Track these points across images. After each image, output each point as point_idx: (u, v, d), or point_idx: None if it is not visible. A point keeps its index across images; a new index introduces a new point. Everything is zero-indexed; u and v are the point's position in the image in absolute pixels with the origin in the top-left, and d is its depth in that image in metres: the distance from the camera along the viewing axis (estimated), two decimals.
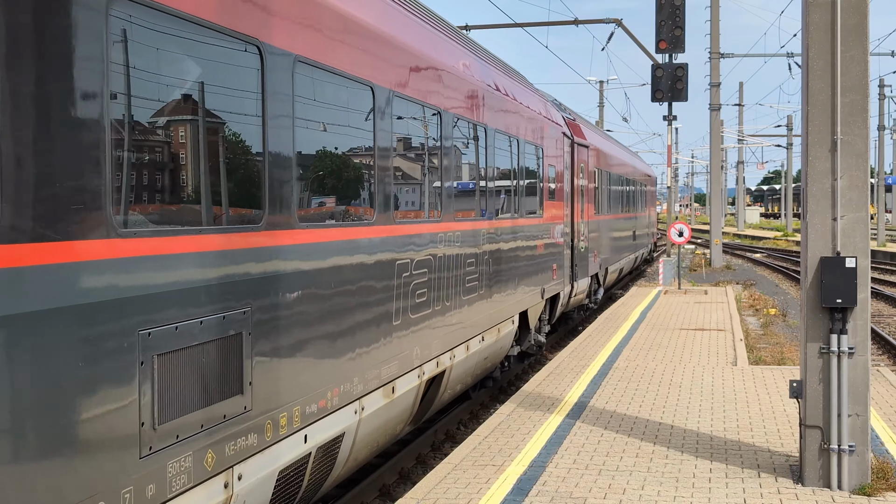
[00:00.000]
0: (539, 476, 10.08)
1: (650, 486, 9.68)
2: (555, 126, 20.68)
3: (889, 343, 23.16)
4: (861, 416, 9.51)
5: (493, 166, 14.82)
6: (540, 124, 18.85)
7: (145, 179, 5.92)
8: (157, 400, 5.84)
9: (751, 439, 11.56)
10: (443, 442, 14.49)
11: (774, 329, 25.71)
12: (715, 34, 46.17)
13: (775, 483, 9.75)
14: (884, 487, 9.44)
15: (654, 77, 30.72)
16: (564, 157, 21.70)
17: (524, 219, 17.05)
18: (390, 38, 10.04)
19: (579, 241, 23.22)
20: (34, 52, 4.90)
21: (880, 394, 14.36)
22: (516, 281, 16.39)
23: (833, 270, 9.40)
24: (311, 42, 8.03)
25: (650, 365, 17.04)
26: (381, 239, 9.72)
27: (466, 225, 13.17)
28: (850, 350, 9.49)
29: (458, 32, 14.40)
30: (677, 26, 28.80)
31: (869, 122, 9.57)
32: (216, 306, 6.47)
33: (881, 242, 63.89)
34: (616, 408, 13.39)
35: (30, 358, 4.86)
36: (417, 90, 10.95)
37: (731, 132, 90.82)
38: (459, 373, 13.23)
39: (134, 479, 5.63)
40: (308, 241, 7.88)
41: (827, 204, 9.50)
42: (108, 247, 5.37)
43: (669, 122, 34.21)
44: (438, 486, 9.81)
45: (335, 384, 8.55)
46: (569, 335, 25.95)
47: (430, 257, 11.46)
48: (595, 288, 27.52)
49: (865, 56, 9.46)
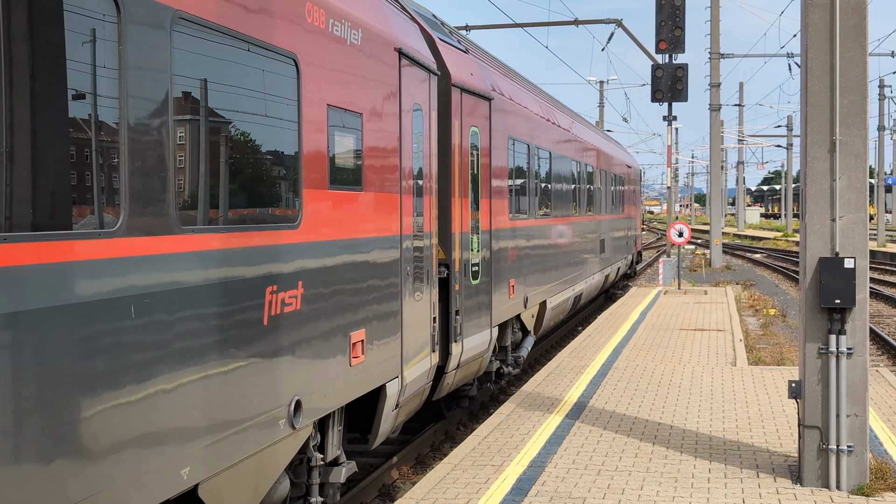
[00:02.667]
0: (538, 476, 10.09)
1: (649, 486, 9.70)
2: (369, 30, 9.31)
3: (888, 343, 23.17)
4: (860, 416, 9.52)
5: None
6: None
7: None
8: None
9: (750, 439, 11.57)
10: (442, 442, 14.50)
11: (774, 329, 25.72)
12: (715, 34, 46.18)
13: (774, 483, 9.77)
14: (882, 488, 9.46)
15: (654, 77, 30.73)
16: (403, 103, 10.27)
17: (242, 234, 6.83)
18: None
19: (468, 267, 13.21)
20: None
21: (879, 394, 14.37)
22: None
23: (832, 271, 9.42)
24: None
25: (650, 365, 17.05)
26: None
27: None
28: (848, 350, 9.50)
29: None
30: (677, 26, 28.81)
31: (868, 123, 9.58)
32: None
33: (881, 243, 63.90)
34: (615, 408, 13.40)
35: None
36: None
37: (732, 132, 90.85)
38: None
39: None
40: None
41: (826, 204, 9.51)
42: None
43: (669, 123, 34.23)
44: (438, 486, 9.82)
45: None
46: (568, 336, 25.95)
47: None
48: (518, 339, 17.02)
49: (864, 57, 9.47)
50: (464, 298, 12.92)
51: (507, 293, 15.47)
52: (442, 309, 12.30)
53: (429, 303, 11.06)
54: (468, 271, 13.15)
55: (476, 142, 13.68)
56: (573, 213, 22.40)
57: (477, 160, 13.68)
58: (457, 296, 12.64)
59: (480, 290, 13.75)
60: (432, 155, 11.42)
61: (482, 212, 13.93)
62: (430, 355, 11.25)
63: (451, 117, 12.56)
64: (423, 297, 10.78)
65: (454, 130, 12.68)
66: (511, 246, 15.80)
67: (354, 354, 8.77)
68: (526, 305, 16.83)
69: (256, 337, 6.84)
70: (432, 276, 11.25)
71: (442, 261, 12.33)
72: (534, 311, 17.87)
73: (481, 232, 13.86)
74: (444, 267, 12.34)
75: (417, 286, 10.56)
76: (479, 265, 13.72)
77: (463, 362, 12.97)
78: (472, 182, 13.38)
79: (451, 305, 12.46)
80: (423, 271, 10.82)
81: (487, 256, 14.12)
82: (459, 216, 12.82)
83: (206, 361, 6.15)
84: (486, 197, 14.20)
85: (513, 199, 16.15)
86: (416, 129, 10.66)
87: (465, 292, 12.98)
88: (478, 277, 13.62)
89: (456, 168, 12.70)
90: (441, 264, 12.31)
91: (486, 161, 14.20)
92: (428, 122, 11.24)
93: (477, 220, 13.64)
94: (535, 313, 18.14)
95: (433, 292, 11.32)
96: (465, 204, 13.10)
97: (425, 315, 10.93)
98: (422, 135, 10.95)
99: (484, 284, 13.93)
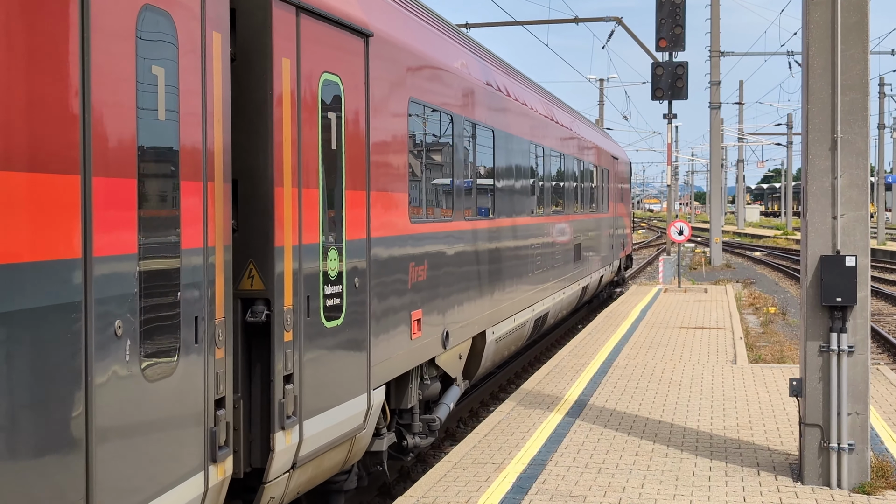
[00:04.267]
0: (539, 474, 10.08)
1: (650, 485, 9.69)
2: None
3: (889, 342, 23.17)
4: (861, 414, 9.52)
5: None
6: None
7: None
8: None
9: (750, 438, 11.56)
10: (442, 440, 14.50)
11: (774, 327, 25.72)
12: (715, 32, 46.18)
13: (775, 481, 9.76)
14: (883, 486, 9.45)
15: (655, 75, 30.71)
16: (102, 19, 5.43)
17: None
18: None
19: (317, 301, 8.38)
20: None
21: (880, 392, 14.37)
22: None
23: (833, 269, 9.41)
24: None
25: (650, 363, 17.04)
26: None
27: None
28: (849, 349, 9.49)
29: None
30: (677, 24, 28.81)
31: (869, 121, 9.57)
32: None
33: (881, 241, 63.92)
34: (616, 406, 13.39)
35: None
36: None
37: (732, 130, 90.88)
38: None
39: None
40: None
41: (827, 202, 9.50)
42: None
43: (669, 121, 34.21)
44: (438, 484, 9.81)
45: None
46: (568, 334, 25.95)
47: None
48: (434, 393, 12.01)
49: (866, 54, 9.46)
50: (304, 352, 7.95)
51: (407, 331, 10.43)
52: (261, 374, 7.67)
53: (201, 377, 6.46)
54: (317, 308, 8.19)
55: (336, 100, 8.65)
56: (532, 213, 17.42)
57: (339, 129, 8.68)
58: (289, 351, 7.75)
59: (344, 335, 8.67)
60: (215, 116, 6.68)
61: (351, 211, 8.91)
62: (202, 473, 6.50)
63: (273, 55, 7.64)
64: (178, 368, 6.18)
65: (281, 78, 7.74)
66: (415, 261, 10.74)
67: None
68: (446, 344, 11.80)
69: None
70: (218, 326, 6.71)
71: (255, 294, 7.62)
72: (462, 349, 12.96)
73: (348, 243, 8.78)
74: (262, 304, 7.62)
75: (159, 350, 5.97)
76: (344, 295, 8.66)
77: (305, 457, 8.20)
78: (325, 163, 8.37)
79: (273, 369, 7.58)
80: (184, 318, 6.27)
81: (361, 280, 9.04)
82: (292, 218, 7.86)
83: None
84: (361, 188, 9.15)
85: (420, 192, 11.30)
86: (168, 73, 6.10)
87: (307, 343, 8.01)
88: (339, 315, 8.56)
89: (285, 139, 7.77)
90: (252, 300, 7.63)
91: (360, 132, 9.15)
92: (201, 57, 6.50)
93: (339, 224, 8.65)
94: (466, 352, 13.32)
95: (219, 354, 6.70)
96: (311, 198, 8.14)
97: (184, 403, 6.27)
98: (190, 80, 6.37)
99: (352, 325, 8.81)
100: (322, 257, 8.33)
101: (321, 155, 8.35)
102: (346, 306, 8.76)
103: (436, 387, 11.97)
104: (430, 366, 11.85)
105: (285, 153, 7.81)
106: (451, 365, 12.59)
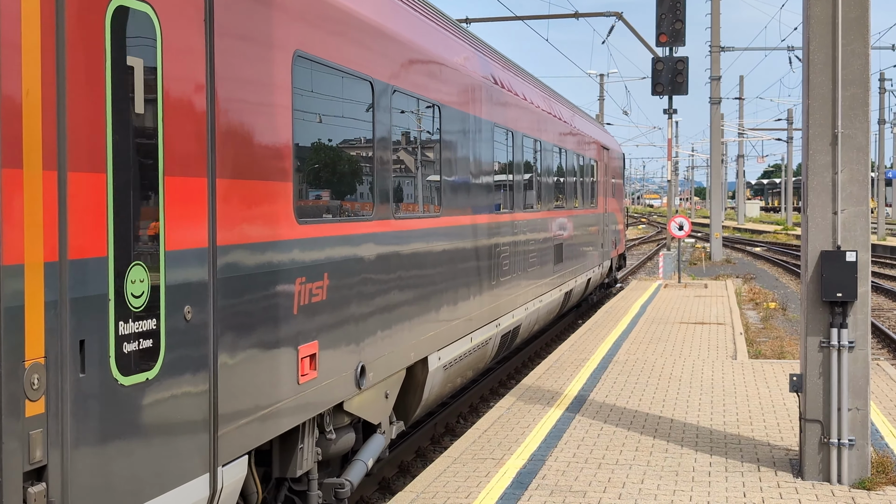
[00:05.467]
0: (539, 469, 10.07)
1: (650, 480, 9.68)
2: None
3: (889, 337, 23.17)
4: (861, 410, 9.51)
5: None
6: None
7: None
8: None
9: (750, 433, 11.55)
10: (442, 435, 14.49)
11: (774, 323, 25.72)
12: (715, 28, 46.12)
13: (775, 477, 9.75)
14: (883, 481, 9.45)
15: (655, 70, 30.68)
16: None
17: None
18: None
19: (102, 345, 5.33)
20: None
21: (880, 388, 14.37)
22: None
23: (833, 264, 9.40)
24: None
25: (650, 359, 17.03)
26: None
27: None
28: (850, 344, 9.49)
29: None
30: (678, 20, 28.78)
31: (870, 116, 9.56)
32: None
33: (881, 236, 63.90)
34: (616, 401, 13.38)
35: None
36: None
37: (732, 126, 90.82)
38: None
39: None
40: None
41: (827, 198, 9.49)
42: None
43: (670, 116, 34.18)
44: (438, 479, 9.81)
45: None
46: (568, 329, 25.94)
47: None
48: (345, 447, 9.21)
49: (866, 50, 9.45)
50: (71, 430, 5.10)
51: (293, 372, 7.62)
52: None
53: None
54: (103, 356, 5.33)
55: (144, 41, 5.72)
56: (499, 210, 14.75)
57: (151, 86, 5.78)
58: (35, 432, 4.92)
59: (161, 392, 5.86)
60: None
61: (177, 207, 6.02)
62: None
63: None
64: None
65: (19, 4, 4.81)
66: (305, 276, 7.82)
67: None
68: (361, 382, 9.00)
69: None
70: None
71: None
72: (389, 384, 10.21)
73: (170, 255, 5.94)
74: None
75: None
76: (162, 332, 5.85)
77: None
78: (117, 135, 5.48)
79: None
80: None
81: (198, 308, 6.23)
82: (42, 219, 4.95)
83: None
84: (199, 173, 6.26)
85: (318, 181, 8.33)
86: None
87: (80, 414, 5.17)
88: (153, 363, 5.76)
89: (27, 95, 4.87)
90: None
91: (193, 92, 6.20)
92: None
93: (150, 227, 5.78)
94: (397, 386, 10.54)
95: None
96: (88, 187, 5.26)
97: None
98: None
99: (178, 374, 6.02)
100: (113, 276, 5.41)
101: (111, 124, 5.40)
102: (167, 349, 5.87)
103: (348, 438, 9.16)
104: (339, 412, 8.97)
105: (27, 117, 4.83)
106: (371, 408, 9.66)
